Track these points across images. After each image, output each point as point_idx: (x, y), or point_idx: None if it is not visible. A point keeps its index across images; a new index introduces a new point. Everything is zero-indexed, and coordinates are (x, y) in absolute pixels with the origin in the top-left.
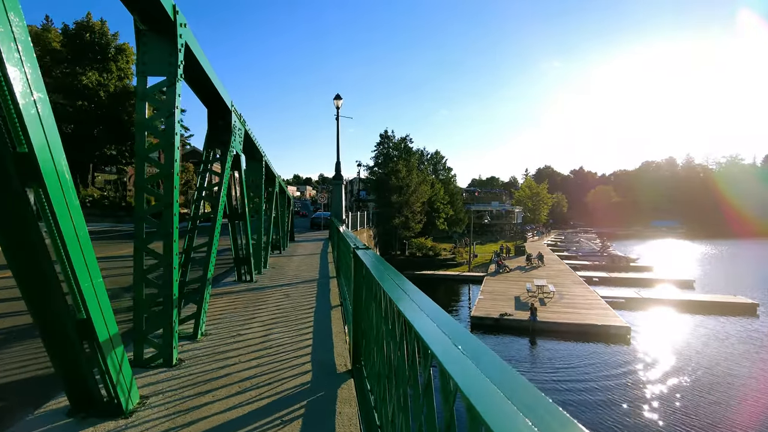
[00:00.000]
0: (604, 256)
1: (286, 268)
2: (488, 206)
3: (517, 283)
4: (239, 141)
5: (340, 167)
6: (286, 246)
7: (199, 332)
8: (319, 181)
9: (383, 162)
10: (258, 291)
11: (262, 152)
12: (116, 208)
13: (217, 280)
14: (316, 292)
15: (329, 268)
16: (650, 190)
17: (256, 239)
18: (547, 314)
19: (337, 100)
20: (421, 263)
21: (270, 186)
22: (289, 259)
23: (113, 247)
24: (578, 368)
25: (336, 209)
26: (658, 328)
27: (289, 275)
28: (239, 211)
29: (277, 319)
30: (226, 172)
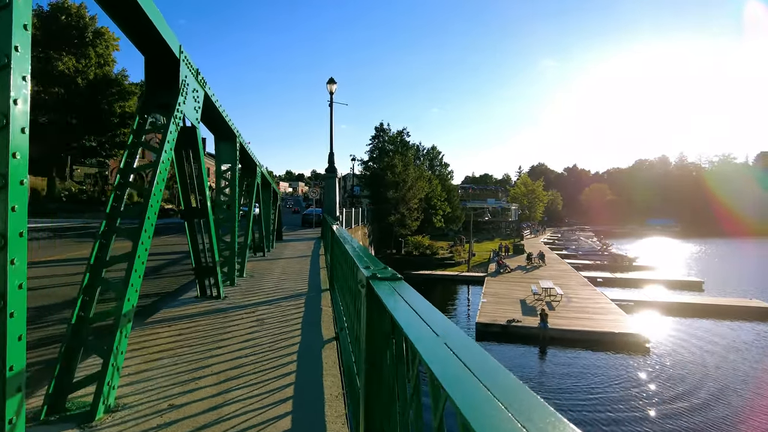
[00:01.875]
0: (605, 255)
1: (268, 276)
2: (484, 203)
3: (520, 284)
4: (194, 107)
5: (333, 159)
6: (271, 247)
7: (101, 407)
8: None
9: (378, 156)
10: (223, 314)
11: (234, 131)
12: (96, 203)
13: (173, 296)
14: (302, 316)
15: (321, 276)
16: (644, 189)
17: (229, 242)
18: (557, 320)
19: (330, 85)
20: (417, 262)
21: (249, 176)
22: (273, 264)
23: (75, 247)
24: (597, 382)
25: (329, 205)
26: (674, 336)
27: (270, 287)
28: (199, 206)
29: (242, 368)
30: (166, 146)
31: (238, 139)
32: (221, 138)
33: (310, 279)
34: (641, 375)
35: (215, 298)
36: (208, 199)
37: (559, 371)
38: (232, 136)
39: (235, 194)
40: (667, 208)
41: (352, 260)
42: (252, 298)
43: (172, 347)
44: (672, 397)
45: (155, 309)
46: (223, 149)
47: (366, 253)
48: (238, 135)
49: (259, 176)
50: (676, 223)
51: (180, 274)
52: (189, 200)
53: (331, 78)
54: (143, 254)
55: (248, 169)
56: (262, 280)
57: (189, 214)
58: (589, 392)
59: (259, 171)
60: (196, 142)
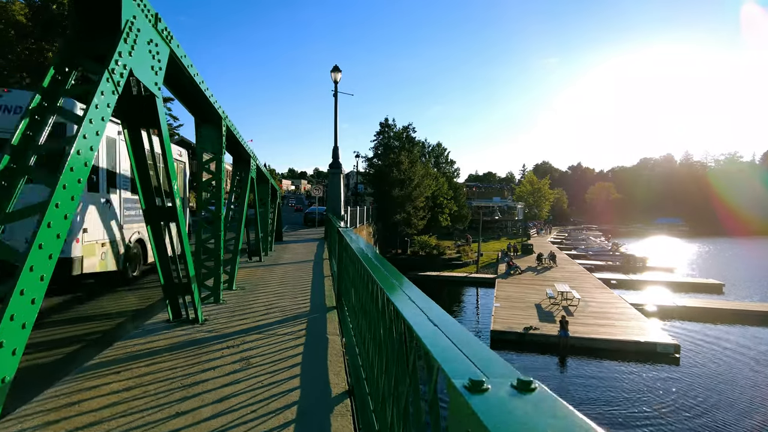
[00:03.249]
0: (616, 255)
1: (263, 289)
2: (489, 202)
3: (533, 286)
4: (151, 66)
5: (338, 153)
6: (269, 250)
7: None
8: (314, 176)
9: (383, 153)
10: (197, 349)
11: (219, 111)
12: None
13: (140, 318)
14: (302, 351)
15: (325, 288)
16: (649, 187)
17: (213, 249)
18: (577, 327)
19: (335, 73)
20: (424, 263)
21: (242, 169)
22: (270, 272)
23: None
24: (628, 397)
25: (333, 203)
26: (702, 344)
27: (263, 306)
28: (165, 204)
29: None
30: (92, 114)
31: (225, 123)
32: (202, 119)
33: (313, 293)
34: (673, 388)
35: (192, 323)
36: (177, 194)
37: (584, 383)
38: (216, 117)
39: (221, 189)
40: (672, 207)
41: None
42: (239, 323)
43: (113, 413)
44: (709, 414)
45: (110, 341)
46: (204, 135)
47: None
48: (225, 117)
49: (254, 169)
50: (683, 223)
51: (156, 286)
52: (152, 197)
53: (336, 66)
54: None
55: (240, 160)
56: (255, 294)
57: (153, 215)
58: (619, 407)
59: (254, 163)
60: (156, 116)
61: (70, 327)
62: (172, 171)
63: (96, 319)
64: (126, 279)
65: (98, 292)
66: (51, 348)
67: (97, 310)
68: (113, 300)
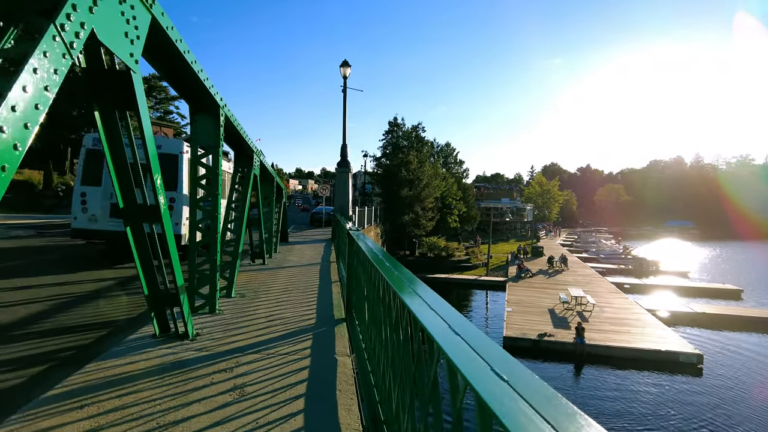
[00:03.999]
0: (628, 259)
1: (264, 296)
2: (498, 203)
3: (545, 290)
4: (125, 33)
5: (346, 151)
6: (274, 252)
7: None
8: (321, 176)
9: (392, 152)
10: (184, 373)
11: (216, 98)
12: None
13: (125, 331)
14: (307, 376)
15: (333, 295)
16: (659, 190)
17: (209, 253)
18: (593, 334)
19: (344, 68)
20: (432, 265)
21: (244, 165)
22: (273, 277)
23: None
24: (650, 410)
25: (341, 203)
26: (725, 354)
27: (264, 317)
28: (148, 203)
29: None
30: (24, 77)
31: (223, 112)
32: (197, 107)
33: (320, 301)
34: (697, 400)
35: (181, 338)
36: (161, 190)
37: (603, 394)
38: (213, 105)
39: (218, 186)
40: (683, 210)
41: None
42: (235, 338)
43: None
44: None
45: (86, 359)
46: (200, 125)
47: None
48: (223, 106)
49: (257, 165)
50: (694, 226)
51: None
52: (131, 193)
53: (345, 61)
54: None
55: (242, 156)
56: (256, 302)
57: (133, 215)
58: (641, 422)
59: (258, 159)
60: (133, 96)
61: (43, 341)
62: (155, 163)
63: (76, 331)
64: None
65: (89, 297)
66: (12, 368)
67: (81, 319)
68: (103, 305)
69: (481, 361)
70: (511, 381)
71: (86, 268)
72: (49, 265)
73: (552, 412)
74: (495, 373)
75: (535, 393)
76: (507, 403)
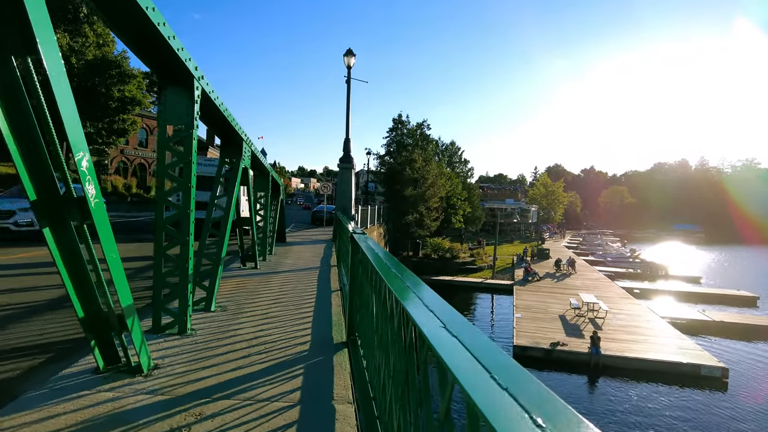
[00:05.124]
0: (636, 263)
1: (250, 311)
2: (502, 204)
3: (554, 295)
4: None
5: (349, 146)
6: (269, 254)
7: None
8: (323, 174)
9: (396, 150)
10: None
11: (189, 67)
12: None
13: (58, 363)
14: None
15: (333, 310)
16: (663, 192)
17: (179, 259)
18: (608, 344)
19: (348, 57)
20: (437, 267)
21: (232, 154)
22: (264, 285)
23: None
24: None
25: (343, 202)
26: (749, 367)
27: (244, 342)
28: (74, 193)
29: None
30: None
31: (199, 84)
32: (165, 78)
33: (317, 317)
34: (724, 418)
35: (132, 373)
36: (92, 176)
37: (622, 409)
38: (184, 75)
39: (191, 177)
40: (688, 213)
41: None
42: (203, 374)
43: None
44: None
45: None
46: (169, 101)
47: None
48: (199, 77)
49: (248, 156)
50: (701, 229)
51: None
52: (49, 180)
53: (349, 49)
54: None
55: (229, 144)
56: (239, 319)
57: (50, 208)
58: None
59: (248, 148)
60: (31, 35)
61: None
62: (78, 131)
63: (5, 357)
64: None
65: (40, 309)
66: None
67: (19, 339)
68: (55, 319)
69: None
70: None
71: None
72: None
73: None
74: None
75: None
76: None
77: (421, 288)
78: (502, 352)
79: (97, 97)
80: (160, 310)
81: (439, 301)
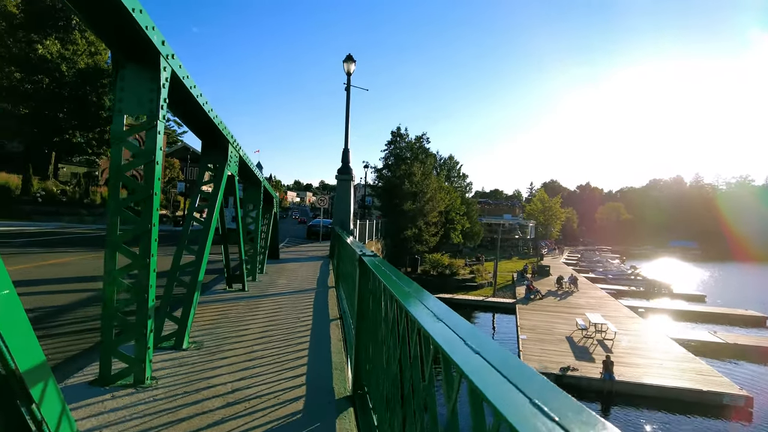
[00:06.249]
0: (638, 280)
1: (230, 349)
2: (500, 219)
3: (558, 314)
4: None
5: (348, 156)
6: (260, 272)
7: None
8: (320, 188)
9: (394, 164)
10: None
11: (154, 41)
12: (77, 206)
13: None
14: None
15: (331, 350)
16: (659, 209)
17: (137, 286)
18: (623, 369)
19: (348, 63)
20: (436, 283)
21: (215, 158)
22: (251, 313)
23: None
24: None
25: (341, 215)
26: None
27: (217, 398)
28: None
29: None
30: None
31: (168, 64)
32: (121, 50)
33: (313, 358)
34: None
35: None
36: None
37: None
38: (145, 49)
39: (154, 181)
40: (684, 230)
41: None
42: None
43: None
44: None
45: None
46: (127, 83)
47: None
48: (168, 55)
49: (235, 161)
50: (697, 246)
51: (84, 326)
52: None
53: (349, 55)
54: None
55: (213, 147)
56: (215, 363)
57: None
58: None
59: (235, 153)
60: None
61: None
62: None
63: None
64: None
65: None
66: None
67: None
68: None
69: None
70: None
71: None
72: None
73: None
74: None
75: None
76: None
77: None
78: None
79: (88, 106)
80: (110, 354)
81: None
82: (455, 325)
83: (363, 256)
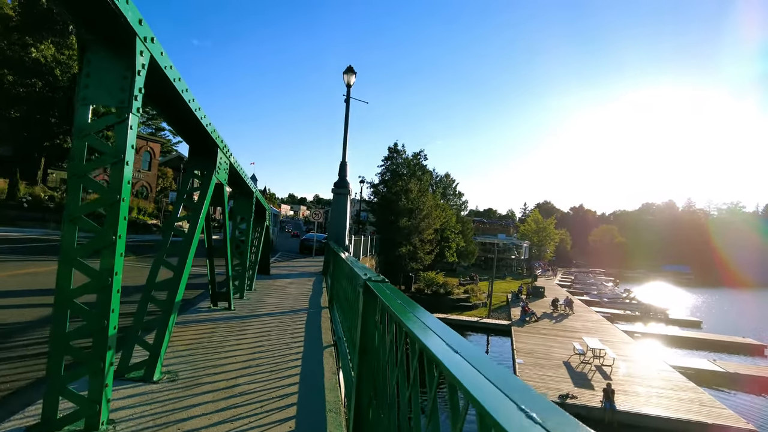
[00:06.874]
0: (633, 304)
1: (209, 381)
2: (494, 239)
3: (554, 338)
4: None
5: (346, 170)
6: (249, 289)
7: None
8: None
9: (391, 179)
10: None
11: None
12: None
13: None
14: None
15: (324, 388)
16: (652, 233)
17: (91, 311)
18: (623, 398)
19: (348, 75)
20: (430, 302)
21: (202, 165)
22: (235, 337)
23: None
24: None
25: (337, 230)
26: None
27: None
28: None
29: None
30: None
31: (146, 48)
32: (88, 29)
33: (303, 398)
34: None
35: None
36: None
37: None
38: (119, 29)
39: (123, 185)
40: (676, 254)
41: None
42: None
43: None
44: None
45: None
46: (95, 65)
47: None
48: (146, 38)
49: (224, 168)
50: (689, 271)
51: (32, 350)
52: None
53: (350, 67)
54: None
55: (200, 150)
56: (186, 404)
57: None
58: None
59: (225, 159)
60: None
61: None
62: None
63: None
64: None
65: None
66: None
67: None
68: None
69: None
70: None
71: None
72: None
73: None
74: None
75: None
76: None
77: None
78: None
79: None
80: (57, 393)
81: None
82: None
83: (369, 282)
